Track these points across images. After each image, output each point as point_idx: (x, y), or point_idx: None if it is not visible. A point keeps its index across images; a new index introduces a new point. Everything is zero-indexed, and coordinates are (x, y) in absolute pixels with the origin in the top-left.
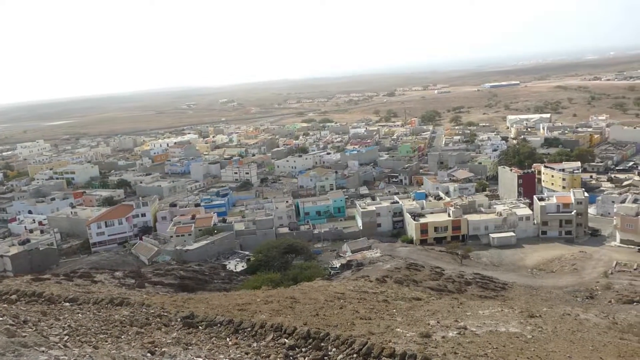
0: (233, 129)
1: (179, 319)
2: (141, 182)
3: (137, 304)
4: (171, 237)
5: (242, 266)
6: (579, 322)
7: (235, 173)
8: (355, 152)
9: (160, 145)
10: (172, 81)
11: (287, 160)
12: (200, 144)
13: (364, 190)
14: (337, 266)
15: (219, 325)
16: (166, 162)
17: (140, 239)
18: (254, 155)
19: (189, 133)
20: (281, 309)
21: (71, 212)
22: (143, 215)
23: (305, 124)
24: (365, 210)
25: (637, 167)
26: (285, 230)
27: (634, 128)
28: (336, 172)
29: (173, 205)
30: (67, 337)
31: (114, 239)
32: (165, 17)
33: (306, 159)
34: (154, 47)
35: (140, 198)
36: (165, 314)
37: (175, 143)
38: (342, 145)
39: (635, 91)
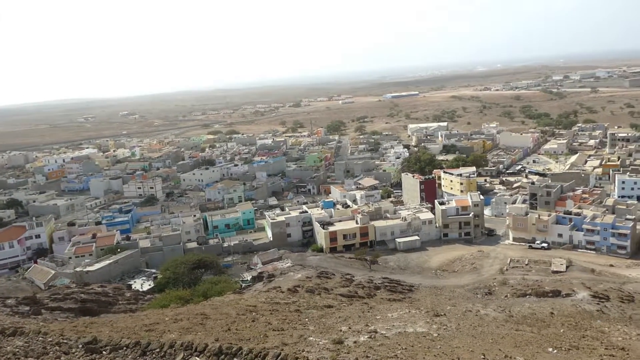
0: (135, 143)
1: (80, 345)
2: (34, 201)
3: (33, 332)
4: (70, 258)
5: (149, 285)
6: (479, 318)
7: (139, 188)
8: (263, 163)
9: (56, 161)
10: (66, 92)
11: (194, 173)
12: (100, 159)
13: (272, 201)
14: (249, 279)
15: (125, 348)
16: (62, 179)
17: (35, 262)
18: (158, 169)
19: (87, 147)
20: (191, 326)
21: None
22: (37, 236)
23: (211, 136)
24: (274, 221)
25: (524, 170)
26: (194, 245)
27: (521, 134)
28: (244, 184)
29: (71, 224)
30: None
31: (4, 264)
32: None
33: (213, 171)
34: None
35: (34, 218)
36: (65, 341)
37: (72, 158)
38: (250, 156)
39: (521, 100)
